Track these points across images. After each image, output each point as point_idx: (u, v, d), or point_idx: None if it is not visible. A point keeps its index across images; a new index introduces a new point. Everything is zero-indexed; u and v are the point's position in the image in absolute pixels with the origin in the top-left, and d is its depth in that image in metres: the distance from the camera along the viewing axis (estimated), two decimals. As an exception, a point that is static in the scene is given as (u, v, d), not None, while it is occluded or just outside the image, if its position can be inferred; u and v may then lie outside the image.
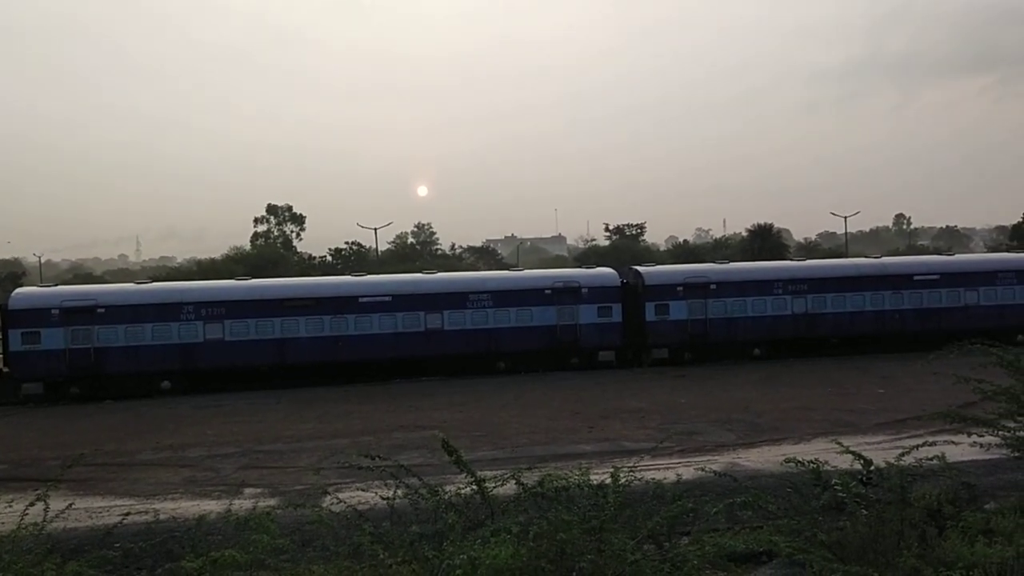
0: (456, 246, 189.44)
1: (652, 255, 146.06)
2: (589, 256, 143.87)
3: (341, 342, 51.10)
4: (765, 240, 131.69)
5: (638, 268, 57.85)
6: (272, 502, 24.25)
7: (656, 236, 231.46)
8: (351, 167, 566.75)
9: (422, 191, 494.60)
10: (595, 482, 16.91)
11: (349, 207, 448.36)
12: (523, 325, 52.54)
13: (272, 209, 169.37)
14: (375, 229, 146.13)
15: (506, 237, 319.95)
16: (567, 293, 54.12)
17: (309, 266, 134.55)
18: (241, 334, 49.74)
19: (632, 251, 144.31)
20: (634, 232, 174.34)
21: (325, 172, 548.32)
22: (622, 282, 55.33)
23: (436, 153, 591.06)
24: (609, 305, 54.48)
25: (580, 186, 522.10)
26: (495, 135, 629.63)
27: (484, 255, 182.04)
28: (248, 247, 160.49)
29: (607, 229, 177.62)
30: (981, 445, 22.81)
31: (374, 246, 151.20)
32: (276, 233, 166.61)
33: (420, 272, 58.26)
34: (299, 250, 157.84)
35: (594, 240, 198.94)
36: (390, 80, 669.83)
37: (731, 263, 60.24)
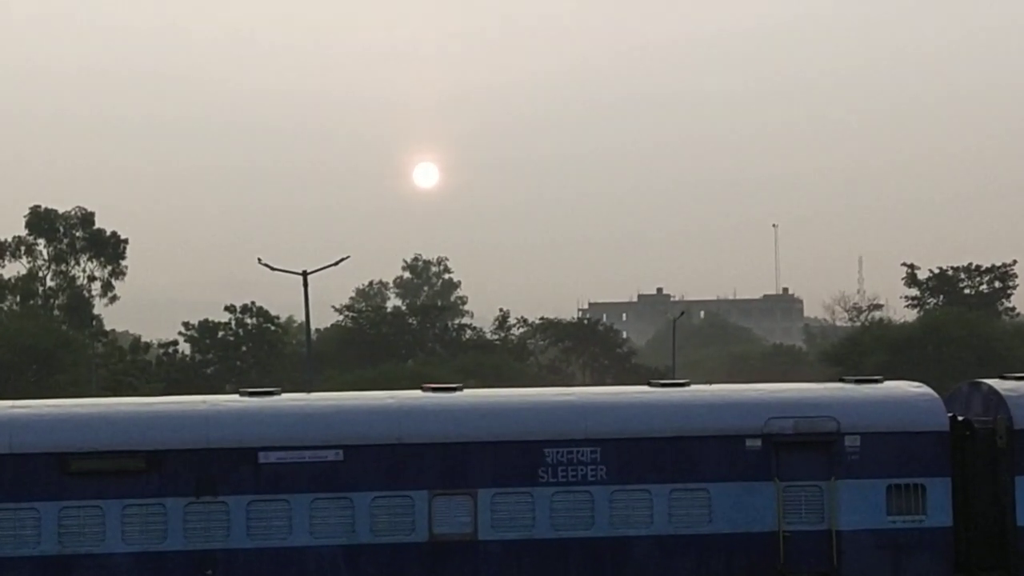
0: (507, 316, 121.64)
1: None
2: (862, 348, 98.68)
3: (212, 567, 31.81)
4: None
5: (995, 385, 36.19)
6: None
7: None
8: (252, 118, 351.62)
9: (425, 174, 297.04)
10: None
11: (234, 223, 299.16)
12: (685, 532, 32.99)
13: (42, 221, 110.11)
14: (303, 274, 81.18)
15: (641, 297, 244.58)
16: (804, 449, 34.22)
17: (133, 368, 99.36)
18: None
19: (981, 335, 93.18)
20: (984, 286, 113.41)
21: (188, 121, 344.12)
22: (953, 422, 35.10)
23: (458, 91, 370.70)
24: (918, 482, 34.23)
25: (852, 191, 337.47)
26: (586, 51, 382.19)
27: (583, 340, 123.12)
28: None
29: (912, 279, 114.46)
30: None
31: (299, 316, 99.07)
32: (51, 281, 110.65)
33: (417, 385, 38.06)
34: (107, 327, 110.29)
35: (876, 306, 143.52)
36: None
37: None
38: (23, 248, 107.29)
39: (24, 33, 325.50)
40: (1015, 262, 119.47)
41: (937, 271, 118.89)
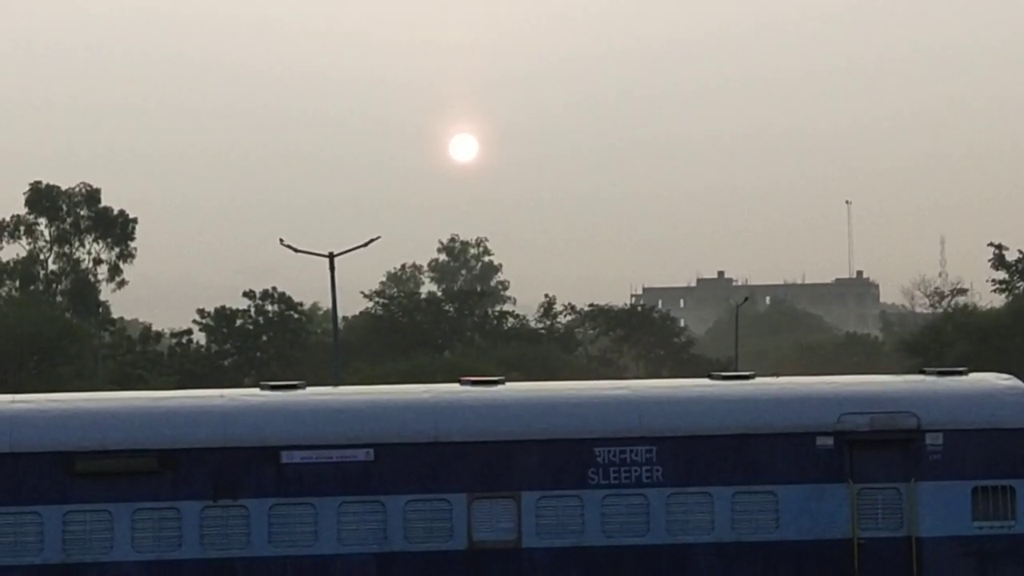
0: (552, 302, 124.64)
1: None
2: (944, 336, 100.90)
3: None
4: None
5: None
6: None
7: None
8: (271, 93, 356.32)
9: (462, 147, 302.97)
10: None
11: (255, 201, 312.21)
12: (750, 539, 32.78)
13: (44, 198, 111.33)
14: (329, 256, 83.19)
15: (700, 281, 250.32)
16: (881, 448, 33.98)
17: (144, 359, 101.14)
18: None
19: None
20: None
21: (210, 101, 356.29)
22: None
23: (502, 62, 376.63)
24: (1007, 484, 33.94)
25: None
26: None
27: (637, 329, 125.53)
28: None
29: (999, 260, 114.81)
30: None
31: (325, 302, 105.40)
32: (54, 264, 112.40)
33: (455, 379, 37.81)
34: (115, 315, 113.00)
35: (959, 290, 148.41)
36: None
37: None
38: (22, 228, 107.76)
39: (38, 12, 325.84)
40: None
41: None
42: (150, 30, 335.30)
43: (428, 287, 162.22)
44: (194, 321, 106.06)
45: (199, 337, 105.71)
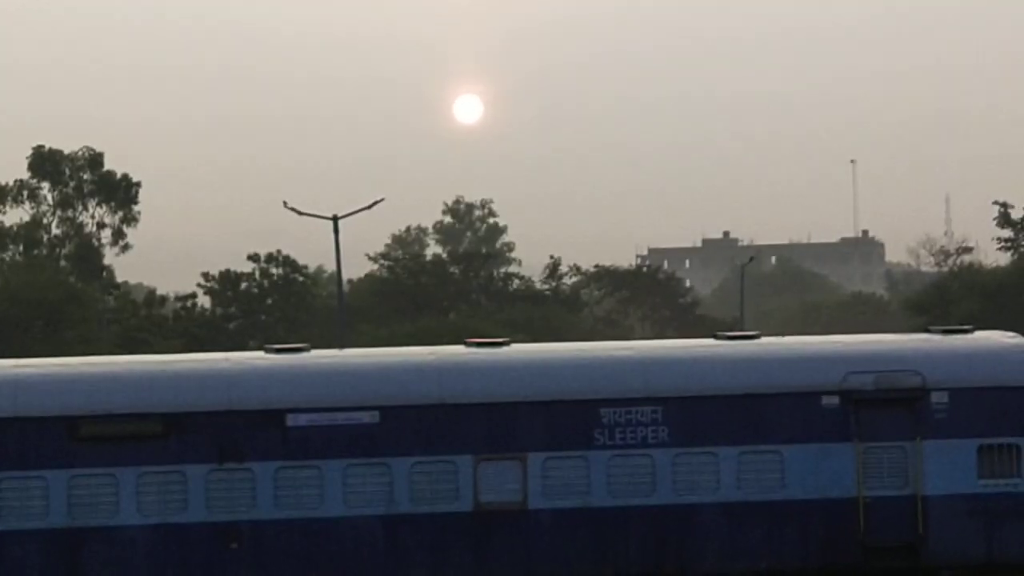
0: (558, 264, 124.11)
1: None
2: (949, 295, 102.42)
3: (237, 541, 31.91)
4: None
5: None
6: None
7: None
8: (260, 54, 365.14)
9: (467, 109, 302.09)
10: None
11: (258, 164, 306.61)
12: (755, 498, 33.11)
13: (46, 162, 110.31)
14: (333, 219, 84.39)
15: (706, 241, 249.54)
16: (887, 407, 34.07)
17: (148, 323, 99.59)
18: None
19: None
20: None
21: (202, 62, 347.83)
22: None
23: (506, 18, 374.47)
24: (1012, 442, 34.02)
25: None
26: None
27: (642, 289, 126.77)
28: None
29: (1005, 218, 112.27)
30: None
31: (330, 265, 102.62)
32: (57, 228, 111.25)
33: (460, 341, 37.87)
34: (119, 279, 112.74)
35: (965, 248, 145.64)
36: None
37: None
38: (25, 192, 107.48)
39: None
40: None
41: None
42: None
43: (433, 249, 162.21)
44: (198, 284, 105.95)
45: (203, 301, 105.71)
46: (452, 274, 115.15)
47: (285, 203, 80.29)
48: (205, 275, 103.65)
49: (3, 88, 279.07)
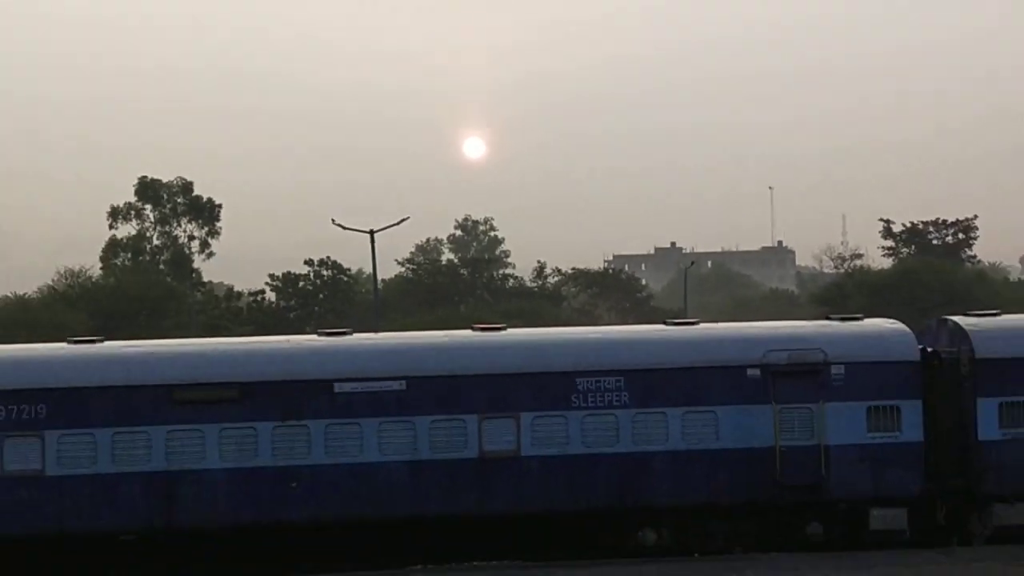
0: (544, 267, 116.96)
1: (994, 291, 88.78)
2: (845, 291, 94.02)
3: (296, 481, 31.63)
4: None
5: (960, 321, 35.74)
6: None
7: (993, 248, 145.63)
8: (320, 105, 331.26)
9: (473, 147, 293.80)
10: None
11: (312, 189, 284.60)
12: (696, 447, 32.92)
13: (149, 189, 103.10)
14: (370, 232, 78.69)
15: (657, 249, 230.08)
16: (797, 377, 33.86)
17: (228, 313, 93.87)
18: (74, 464, 31.40)
19: (947, 280, 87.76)
20: (949, 237, 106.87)
21: (263, 118, 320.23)
22: (923, 353, 34.90)
23: (503, 77, 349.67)
24: (893, 404, 33.66)
25: (830, 151, 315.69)
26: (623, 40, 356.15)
27: (609, 287, 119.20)
28: (98, 272, 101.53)
29: (888, 231, 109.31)
30: None
31: (368, 268, 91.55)
32: (157, 240, 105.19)
33: (468, 326, 37.17)
34: (205, 279, 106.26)
35: (857, 255, 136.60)
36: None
37: None
38: (133, 212, 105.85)
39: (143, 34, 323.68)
40: (976, 216, 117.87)
41: (909, 225, 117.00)
42: (226, 46, 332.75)
43: (447, 256, 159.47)
44: (266, 283, 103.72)
45: (270, 296, 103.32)
46: (462, 275, 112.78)
47: (333, 220, 78.94)
48: (271, 276, 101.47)
49: (117, 129, 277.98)
